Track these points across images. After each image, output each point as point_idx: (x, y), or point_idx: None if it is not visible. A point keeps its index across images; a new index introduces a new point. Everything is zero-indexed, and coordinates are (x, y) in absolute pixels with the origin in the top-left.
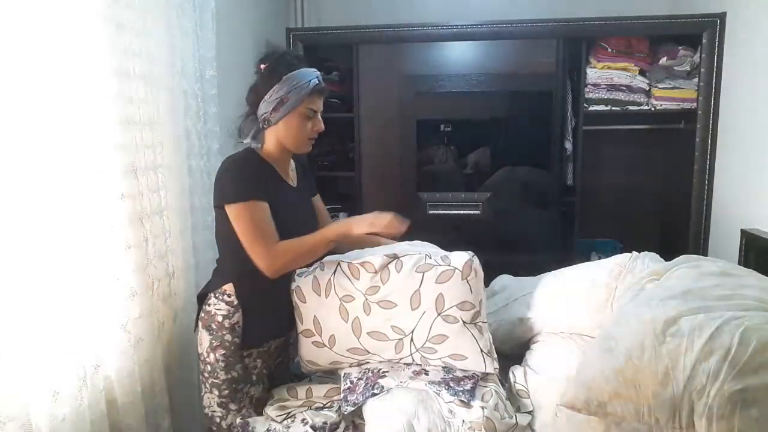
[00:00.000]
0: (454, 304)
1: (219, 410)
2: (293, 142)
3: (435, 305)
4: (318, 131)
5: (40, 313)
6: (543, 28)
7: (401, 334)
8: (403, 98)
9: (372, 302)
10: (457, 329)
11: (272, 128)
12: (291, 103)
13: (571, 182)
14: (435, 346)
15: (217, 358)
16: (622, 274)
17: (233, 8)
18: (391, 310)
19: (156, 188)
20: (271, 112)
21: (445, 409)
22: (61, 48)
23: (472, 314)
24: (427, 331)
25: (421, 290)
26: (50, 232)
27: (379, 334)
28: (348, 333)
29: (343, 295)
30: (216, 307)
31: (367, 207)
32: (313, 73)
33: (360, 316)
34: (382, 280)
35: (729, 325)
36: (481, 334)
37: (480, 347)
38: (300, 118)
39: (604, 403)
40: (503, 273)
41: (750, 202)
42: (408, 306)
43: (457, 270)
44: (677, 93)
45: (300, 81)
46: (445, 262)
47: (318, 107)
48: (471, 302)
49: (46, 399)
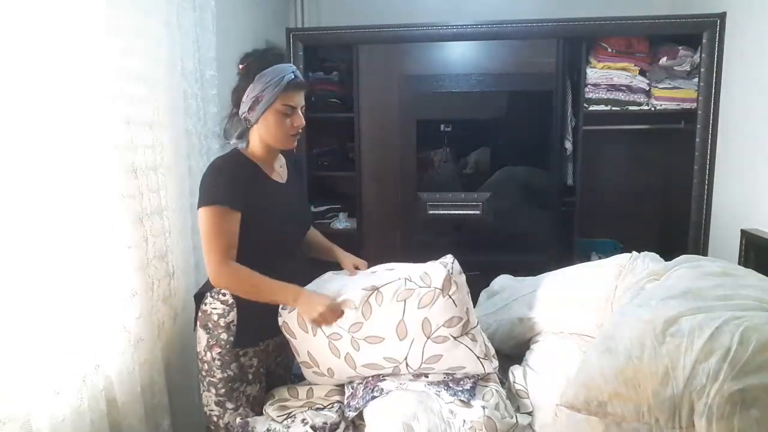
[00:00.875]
0: (441, 324)
1: (216, 409)
2: (274, 140)
3: (422, 330)
4: (299, 127)
5: (40, 313)
6: (543, 28)
7: (395, 362)
8: (403, 98)
9: (359, 339)
10: (449, 346)
11: (254, 127)
12: (266, 100)
13: (571, 182)
14: (432, 366)
15: (213, 357)
16: (622, 274)
17: (233, 8)
18: (380, 345)
19: (156, 188)
20: (248, 111)
21: (446, 410)
22: (62, 48)
23: (461, 327)
24: (420, 356)
25: (405, 319)
26: (50, 232)
27: (374, 365)
28: (343, 366)
29: (330, 333)
30: (212, 306)
31: (367, 207)
32: (288, 68)
33: (351, 352)
34: (365, 315)
35: (729, 325)
36: (474, 342)
37: (476, 354)
38: (276, 115)
39: (604, 403)
40: (503, 273)
41: (750, 202)
42: (395, 337)
43: (437, 290)
44: (677, 93)
45: (272, 78)
46: (425, 282)
47: (296, 103)
48: (458, 316)
49: (46, 399)
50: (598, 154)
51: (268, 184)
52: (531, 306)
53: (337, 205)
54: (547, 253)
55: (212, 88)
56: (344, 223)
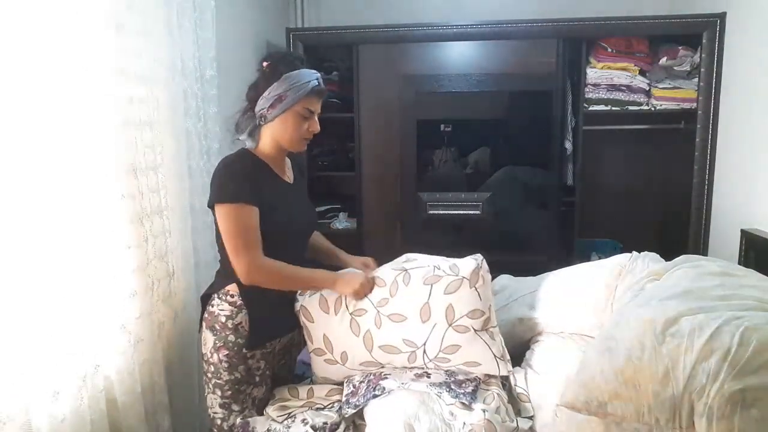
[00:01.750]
0: (464, 314)
1: (221, 411)
2: (288, 141)
3: (445, 316)
4: (313, 132)
5: (40, 313)
6: (543, 28)
7: (413, 347)
8: (403, 98)
9: (383, 315)
10: (469, 338)
11: (268, 125)
12: (288, 101)
13: (571, 182)
14: (448, 356)
15: (220, 359)
16: (622, 274)
17: (233, 8)
18: (402, 323)
19: (156, 188)
20: (269, 108)
21: (446, 412)
22: (62, 48)
23: (483, 321)
24: (439, 343)
25: (430, 303)
26: (50, 232)
27: (390, 347)
28: (360, 347)
29: (355, 309)
30: (219, 308)
31: (367, 207)
32: (314, 74)
33: (371, 329)
34: (392, 293)
35: (729, 325)
36: (493, 340)
37: (493, 352)
38: (296, 117)
39: (604, 403)
40: (503, 273)
41: (750, 202)
42: (418, 319)
43: (465, 279)
44: (677, 93)
45: (299, 81)
46: (453, 271)
47: (316, 109)
48: (481, 309)
49: (46, 399)
50: (598, 154)
51: (279, 183)
52: (531, 306)
53: (337, 205)
54: (547, 253)
55: (212, 88)
56: (344, 223)
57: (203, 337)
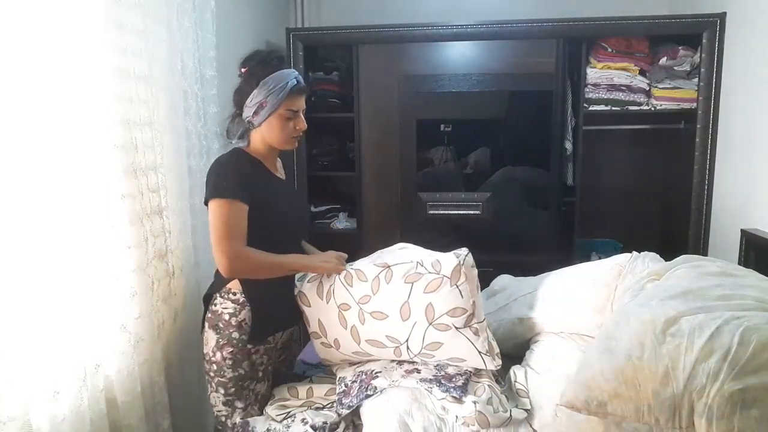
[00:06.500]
0: (444, 313)
1: (224, 409)
2: (277, 142)
3: (425, 315)
4: (301, 130)
5: (40, 313)
6: (543, 28)
7: (396, 342)
8: (403, 98)
9: (366, 312)
10: (451, 335)
11: (257, 129)
12: (270, 107)
13: (571, 182)
14: (431, 352)
15: (224, 357)
16: (622, 274)
17: (233, 8)
18: (384, 321)
19: (156, 188)
20: (252, 116)
21: (438, 407)
22: (62, 48)
23: (465, 319)
24: (420, 340)
25: (410, 302)
26: (50, 232)
27: (376, 342)
28: (349, 339)
29: (341, 303)
30: (222, 306)
31: (367, 207)
32: (291, 74)
33: (356, 325)
34: (373, 290)
35: (729, 325)
36: (477, 336)
37: (477, 349)
38: (280, 119)
39: (604, 403)
40: (503, 273)
41: (750, 202)
42: (398, 317)
43: (445, 278)
44: (677, 93)
45: (277, 84)
46: (435, 268)
47: (299, 107)
48: (462, 307)
49: (46, 399)
50: (598, 154)
51: (272, 179)
52: (531, 306)
53: (337, 205)
54: (547, 253)
55: (212, 88)
56: (344, 223)
57: (205, 337)
